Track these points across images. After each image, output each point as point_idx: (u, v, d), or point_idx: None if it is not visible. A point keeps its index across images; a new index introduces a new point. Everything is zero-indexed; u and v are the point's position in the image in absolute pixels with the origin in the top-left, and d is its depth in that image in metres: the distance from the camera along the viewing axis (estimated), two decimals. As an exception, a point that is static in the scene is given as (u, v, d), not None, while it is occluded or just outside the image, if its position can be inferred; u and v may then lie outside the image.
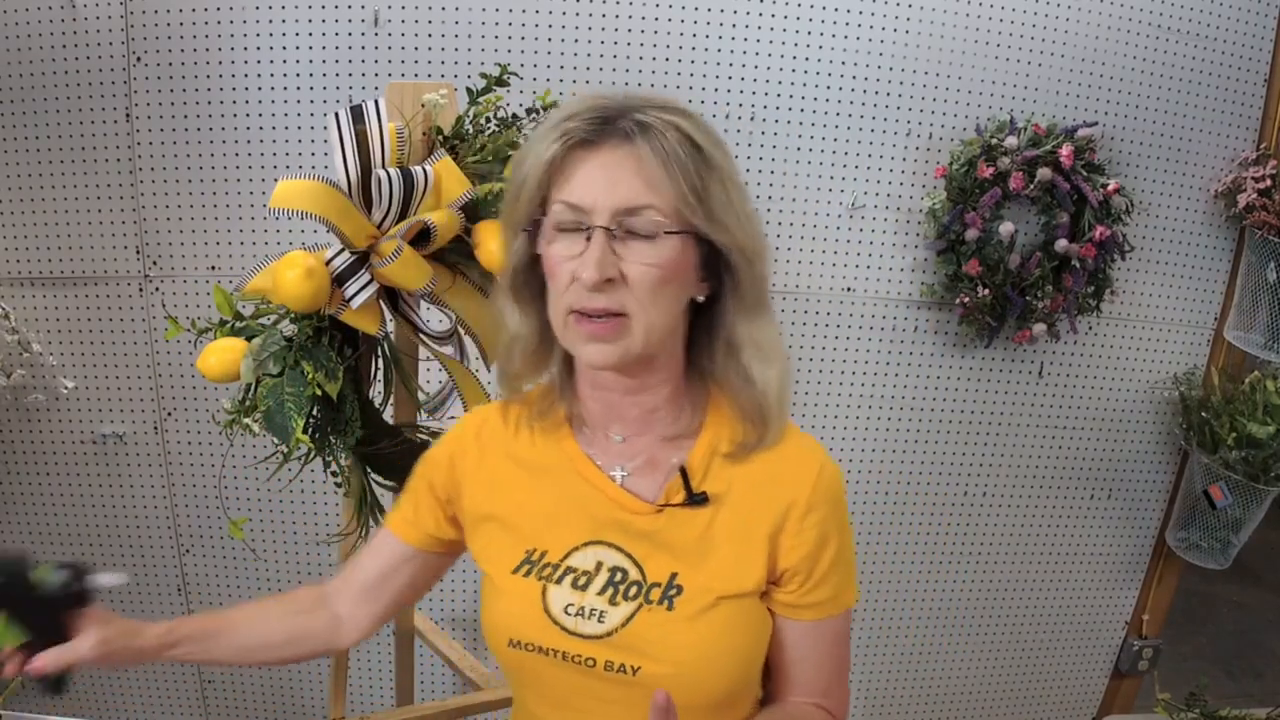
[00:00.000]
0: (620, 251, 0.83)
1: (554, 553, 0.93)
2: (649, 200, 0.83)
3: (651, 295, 0.84)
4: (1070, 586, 2.40)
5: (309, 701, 2.34)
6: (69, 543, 2.18)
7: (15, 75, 1.88)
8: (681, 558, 0.90)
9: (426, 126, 1.27)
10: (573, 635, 0.90)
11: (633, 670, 0.88)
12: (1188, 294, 2.20)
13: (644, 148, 0.82)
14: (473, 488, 1.00)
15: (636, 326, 0.85)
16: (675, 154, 0.82)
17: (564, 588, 0.92)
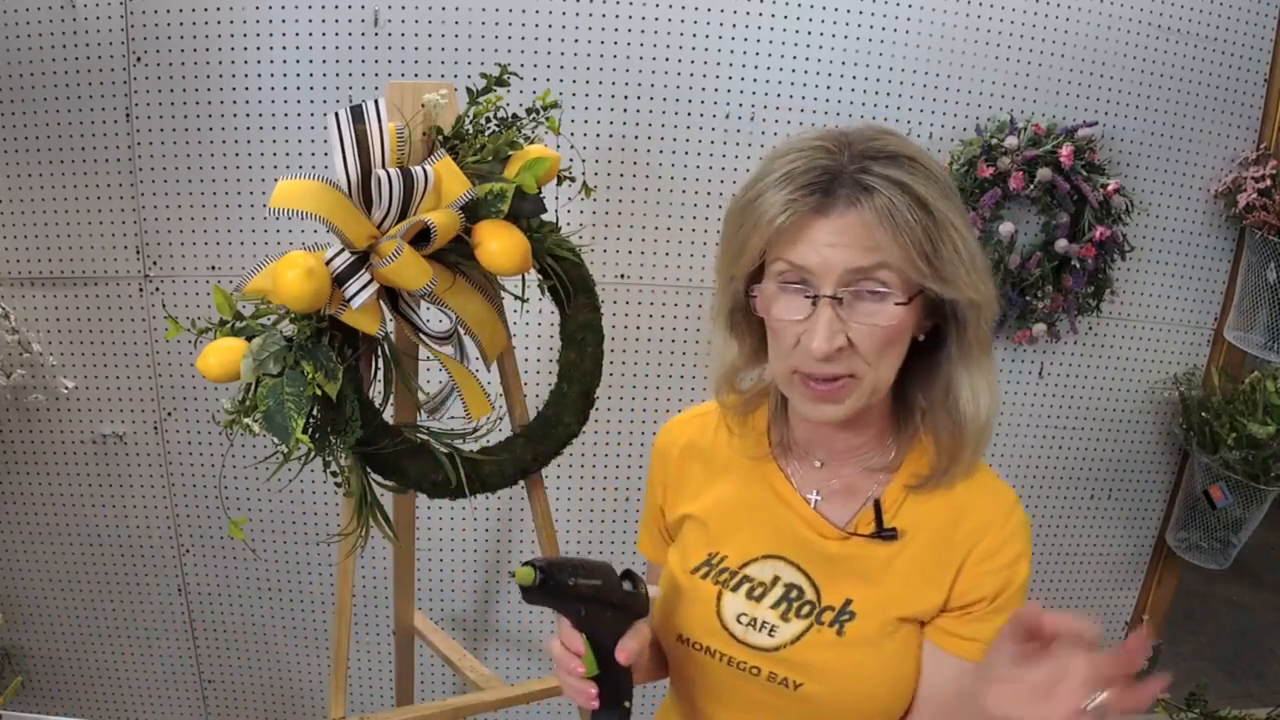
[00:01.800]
0: (846, 316, 0.83)
1: (733, 559, 0.97)
2: (876, 261, 0.81)
3: (879, 356, 0.85)
4: (1070, 586, 2.40)
5: (309, 701, 2.34)
6: (69, 543, 2.18)
7: (15, 75, 1.88)
8: (860, 586, 0.92)
9: (426, 126, 1.27)
10: (741, 644, 0.94)
11: (794, 685, 0.91)
12: (1188, 294, 2.20)
13: (869, 212, 0.80)
14: (675, 495, 1.05)
15: (865, 385, 0.86)
16: (904, 219, 0.80)
17: (739, 596, 0.95)
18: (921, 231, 0.80)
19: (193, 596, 2.24)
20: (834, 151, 0.82)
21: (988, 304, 0.86)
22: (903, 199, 0.79)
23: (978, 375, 0.89)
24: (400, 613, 1.78)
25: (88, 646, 2.29)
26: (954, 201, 0.83)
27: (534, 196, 1.28)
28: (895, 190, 0.80)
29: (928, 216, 0.80)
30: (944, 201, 0.82)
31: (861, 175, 0.80)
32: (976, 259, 0.84)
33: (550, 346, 2.05)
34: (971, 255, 0.83)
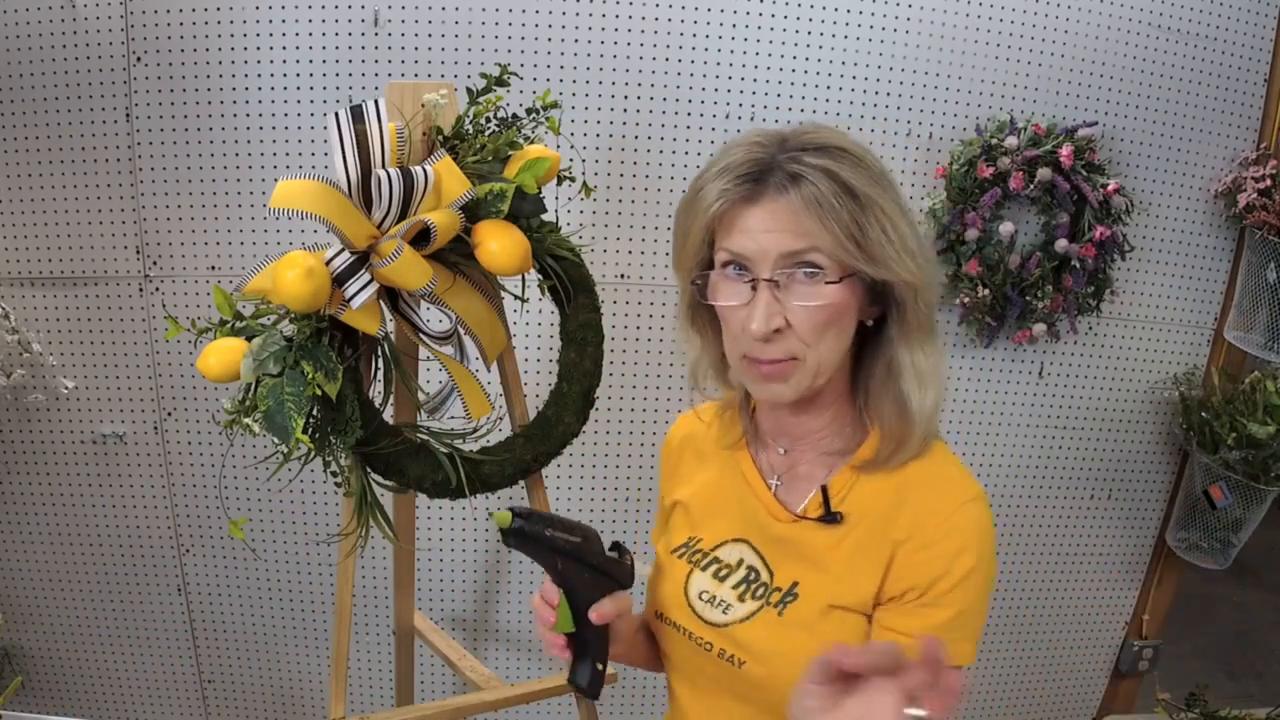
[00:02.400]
0: (784, 298, 0.87)
1: (707, 541, 1.03)
2: (808, 245, 0.86)
3: (817, 336, 0.89)
4: (1070, 586, 2.40)
5: (309, 701, 2.34)
6: (69, 543, 2.18)
7: (15, 75, 1.88)
8: (807, 570, 0.95)
9: (426, 126, 1.27)
10: (699, 619, 0.99)
11: (739, 663, 0.96)
12: (1188, 294, 2.20)
13: (796, 199, 0.85)
14: (671, 483, 1.12)
15: (808, 365, 0.90)
16: (828, 203, 0.84)
17: (706, 575, 1.01)
18: (848, 215, 0.85)
19: (193, 596, 2.24)
20: (767, 146, 0.88)
21: (925, 286, 0.90)
22: (829, 185, 0.84)
23: (920, 356, 0.92)
24: (400, 613, 1.78)
25: (88, 646, 2.29)
26: (885, 188, 0.87)
27: (534, 196, 1.28)
28: (822, 178, 0.84)
29: (853, 201, 0.85)
30: (872, 188, 0.86)
31: (791, 165, 0.86)
32: (908, 241, 0.88)
33: (550, 346, 2.05)
34: (903, 238, 0.87)
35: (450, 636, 1.84)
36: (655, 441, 2.15)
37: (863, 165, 0.87)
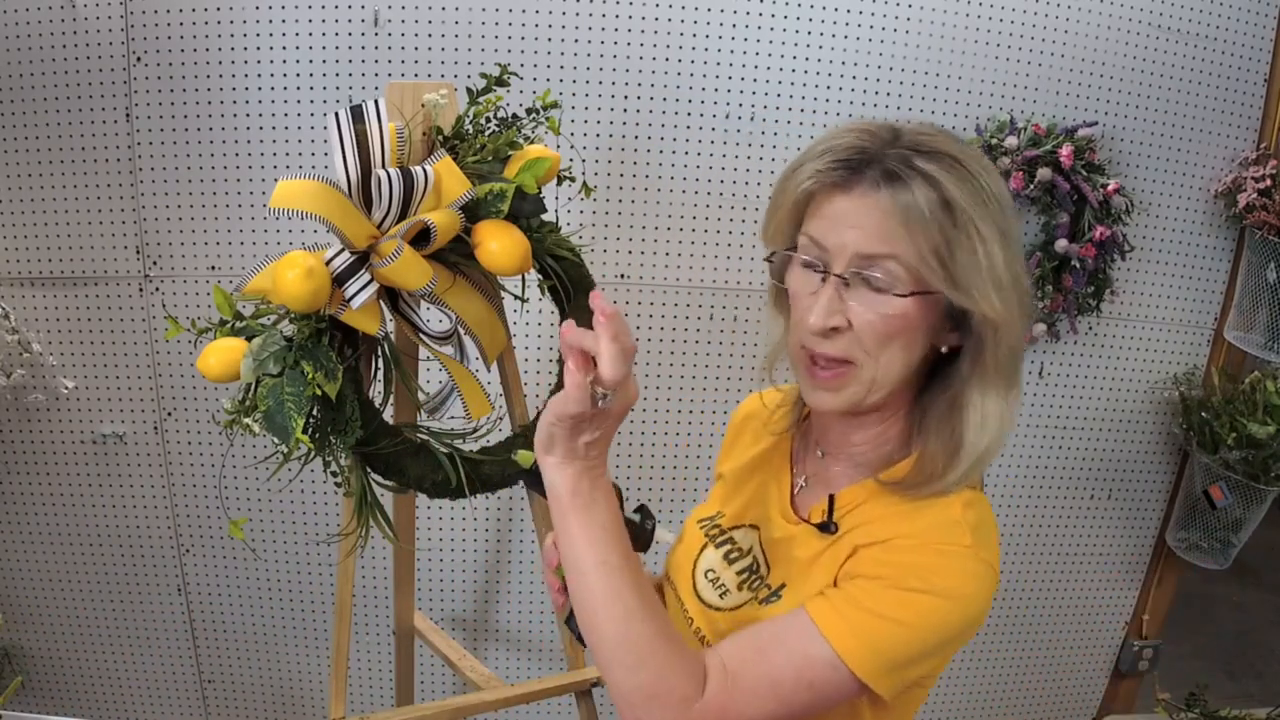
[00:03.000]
0: (850, 298, 0.83)
1: (728, 520, 1.02)
2: (887, 251, 0.81)
3: (879, 347, 0.84)
4: (1070, 586, 2.40)
5: (309, 701, 2.34)
6: (69, 543, 2.18)
7: (15, 75, 1.88)
8: (795, 573, 0.93)
9: (426, 126, 1.27)
10: (695, 595, 0.99)
11: (707, 645, 0.95)
12: (1188, 294, 2.20)
13: (889, 200, 0.80)
14: (725, 457, 1.12)
15: (863, 376, 0.85)
16: (919, 211, 0.79)
17: (718, 554, 1.00)
18: (939, 231, 0.79)
19: (193, 596, 2.24)
20: (878, 136, 0.83)
21: (1006, 326, 0.83)
22: (927, 194, 0.79)
23: (991, 400, 0.85)
24: (400, 613, 1.78)
25: (88, 646, 2.29)
26: (992, 209, 0.81)
27: (534, 196, 1.28)
28: (922, 185, 0.79)
29: (949, 216, 0.80)
30: (976, 206, 0.80)
31: (895, 163, 0.81)
32: (1002, 275, 0.81)
33: (550, 346, 2.05)
34: (995, 267, 0.81)
35: (450, 636, 1.84)
36: (656, 442, 2.15)
37: (973, 180, 0.81)
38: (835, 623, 0.81)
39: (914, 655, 0.82)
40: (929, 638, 0.81)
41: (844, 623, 0.81)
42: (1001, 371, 0.85)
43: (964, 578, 0.82)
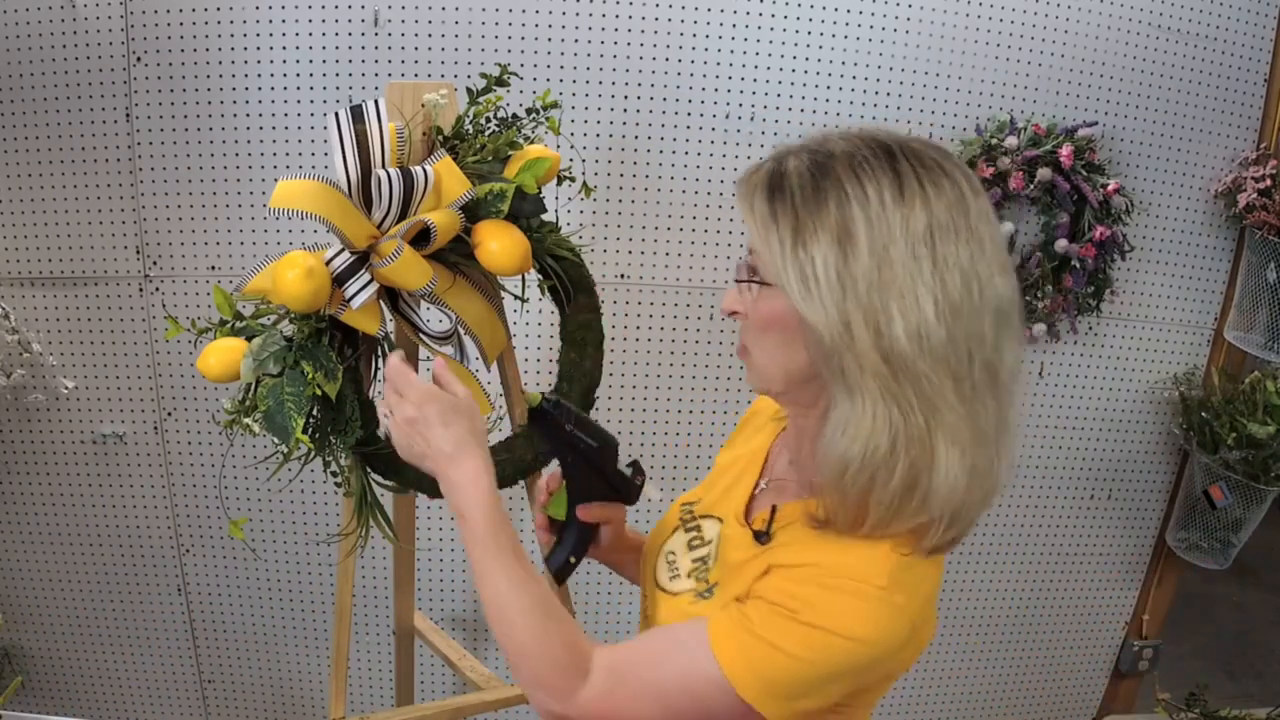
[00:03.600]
0: (747, 289, 0.85)
1: (701, 507, 1.04)
2: (754, 245, 0.82)
3: (756, 335, 0.85)
4: (1070, 586, 2.40)
5: (309, 701, 2.34)
6: (69, 543, 2.18)
7: (15, 75, 1.88)
8: (727, 575, 0.93)
9: (426, 126, 1.27)
10: (654, 573, 1.02)
11: (645, 622, 1.00)
12: (1188, 294, 2.20)
13: (759, 193, 0.81)
14: (727, 448, 1.12)
15: (754, 363, 0.87)
16: (758, 204, 0.80)
17: (684, 539, 1.01)
18: (764, 223, 0.79)
19: (193, 596, 2.24)
20: (796, 143, 0.83)
21: (828, 332, 0.76)
22: (767, 188, 0.80)
23: (859, 410, 0.78)
24: (400, 613, 1.78)
25: (88, 646, 2.29)
26: (839, 210, 0.77)
27: (534, 196, 1.28)
28: (772, 179, 0.80)
29: (773, 208, 0.79)
30: (810, 204, 0.77)
31: (777, 162, 0.81)
32: (819, 274, 0.76)
33: (550, 346, 2.05)
34: (813, 267, 0.77)
35: (450, 636, 1.84)
36: (656, 442, 2.15)
37: (828, 178, 0.78)
38: (728, 645, 0.81)
39: (803, 688, 0.81)
40: (820, 672, 0.80)
41: (736, 645, 0.81)
42: (863, 392, 0.77)
43: (865, 621, 0.79)
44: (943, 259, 0.76)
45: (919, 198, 0.77)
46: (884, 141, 0.80)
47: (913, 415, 0.77)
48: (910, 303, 0.75)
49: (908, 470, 0.78)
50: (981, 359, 0.77)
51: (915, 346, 0.76)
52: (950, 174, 0.79)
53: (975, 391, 0.78)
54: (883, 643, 0.80)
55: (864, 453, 0.78)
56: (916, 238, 0.76)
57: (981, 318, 0.77)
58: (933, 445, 0.77)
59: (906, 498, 0.79)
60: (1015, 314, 0.81)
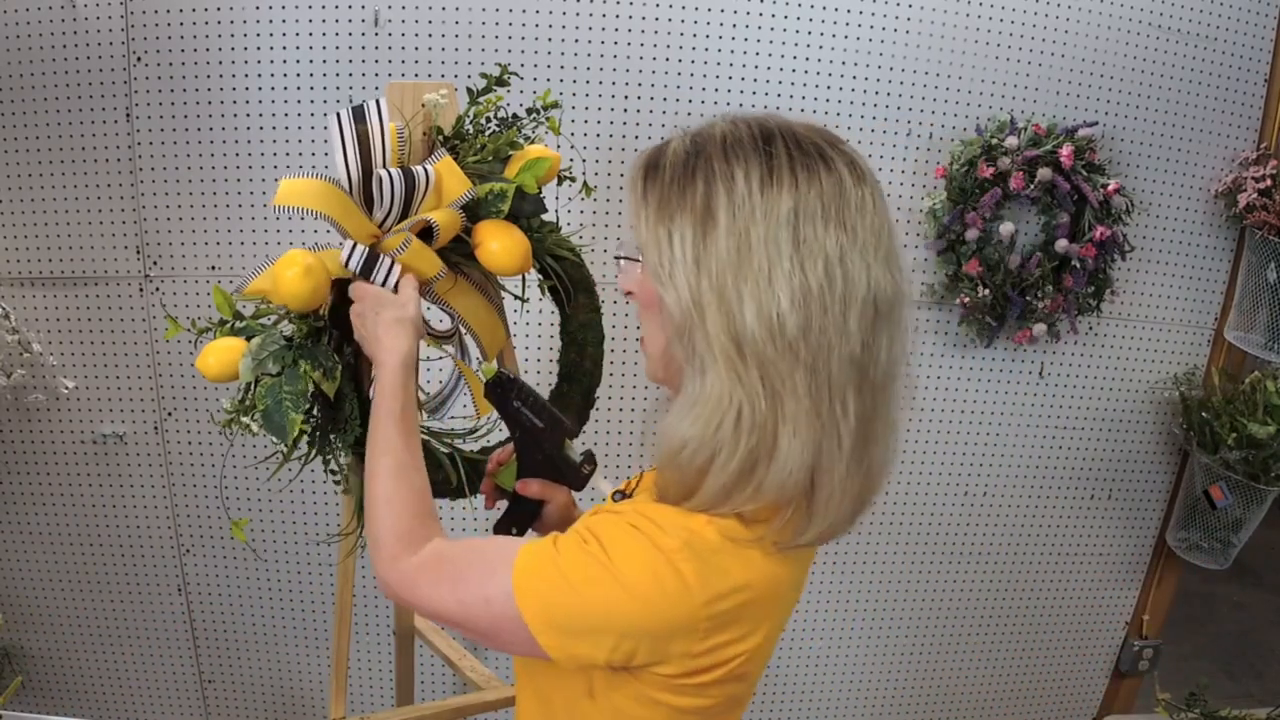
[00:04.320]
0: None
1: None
2: (632, 222, 0.83)
3: (642, 321, 0.88)
4: (1070, 586, 2.40)
5: (309, 701, 2.34)
6: (69, 543, 2.18)
7: (15, 75, 1.88)
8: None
9: (427, 127, 1.27)
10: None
11: None
12: (1188, 294, 2.20)
13: (639, 171, 0.83)
14: None
15: (644, 349, 0.89)
16: (639, 187, 0.81)
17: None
18: (647, 192, 0.80)
19: (193, 596, 2.24)
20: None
21: (677, 309, 0.77)
22: (669, 156, 0.81)
23: (705, 390, 0.77)
24: (400, 613, 1.78)
25: (88, 646, 2.29)
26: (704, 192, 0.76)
27: (534, 196, 1.27)
28: (670, 147, 0.81)
29: (640, 186, 0.80)
30: (674, 185, 0.78)
31: (672, 140, 0.83)
32: (675, 255, 0.76)
33: (550, 346, 2.05)
34: (671, 252, 0.77)
35: (450, 637, 1.84)
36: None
37: (697, 162, 0.78)
38: (527, 561, 0.81)
39: (575, 623, 0.79)
40: (588, 610, 0.78)
41: (534, 563, 0.81)
42: (712, 374, 0.76)
43: (639, 570, 0.77)
44: (806, 246, 0.74)
45: (787, 183, 0.75)
46: (768, 126, 0.79)
47: (758, 401, 0.75)
48: (764, 287, 0.74)
49: (747, 455, 0.76)
50: (844, 353, 0.75)
51: (765, 332, 0.74)
52: (831, 162, 0.76)
53: (832, 386, 0.75)
54: (649, 604, 0.77)
55: (703, 434, 0.76)
56: (779, 222, 0.74)
57: (846, 310, 0.75)
58: (775, 434, 0.76)
59: (741, 482, 0.77)
60: (897, 309, 0.78)
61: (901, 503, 2.27)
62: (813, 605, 2.34)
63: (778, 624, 0.87)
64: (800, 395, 0.75)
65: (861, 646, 2.40)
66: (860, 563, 2.31)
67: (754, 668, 0.87)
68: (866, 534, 2.28)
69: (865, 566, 2.32)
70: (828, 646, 2.39)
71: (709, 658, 0.80)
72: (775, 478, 0.76)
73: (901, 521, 2.29)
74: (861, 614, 2.36)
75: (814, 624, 2.36)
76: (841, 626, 2.37)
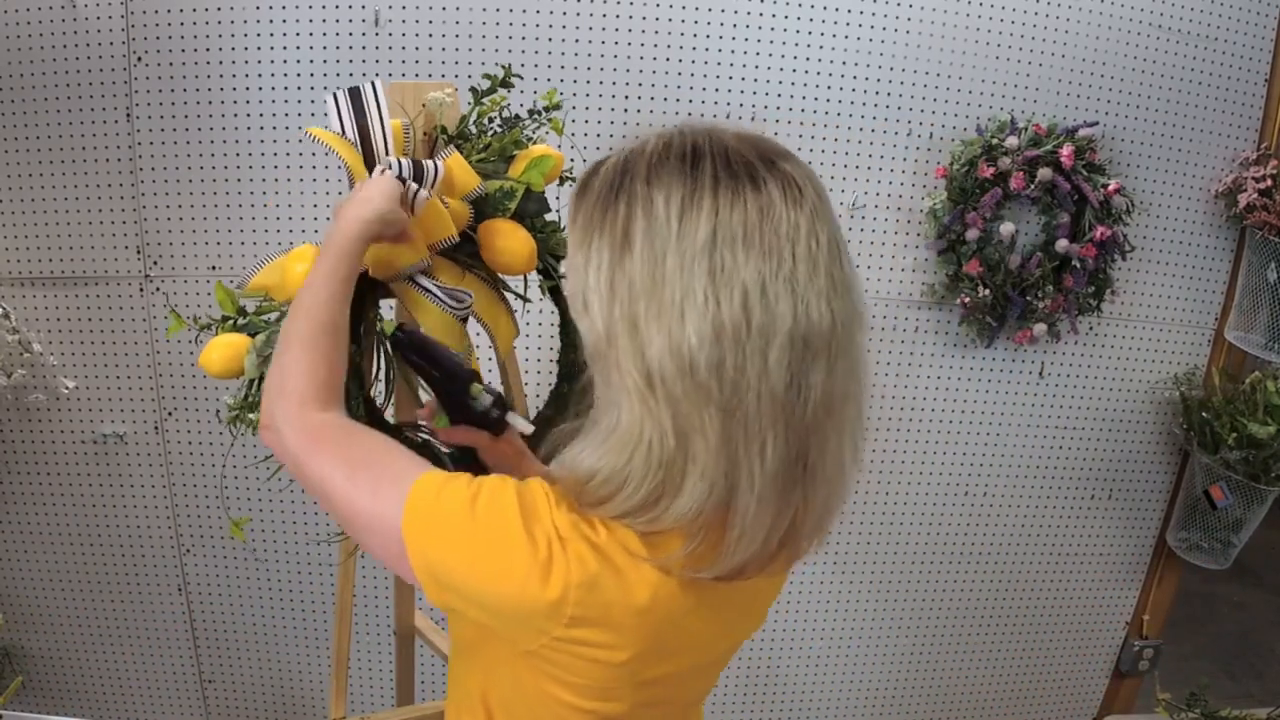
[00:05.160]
0: None
1: None
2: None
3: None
4: (1070, 586, 2.40)
5: (309, 701, 2.34)
6: (69, 543, 2.18)
7: (15, 75, 1.88)
8: None
9: (429, 126, 1.27)
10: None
11: None
12: (1188, 294, 2.20)
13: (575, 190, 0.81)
14: None
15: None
16: (571, 208, 0.78)
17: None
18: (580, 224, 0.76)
19: (193, 596, 2.23)
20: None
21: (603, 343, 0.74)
22: (586, 185, 0.77)
23: (618, 424, 0.74)
24: (400, 613, 1.78)
25: (88, 646, 2.29)
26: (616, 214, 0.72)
27: (539, 195, 1.28)
28: (590, 175, 0.78)
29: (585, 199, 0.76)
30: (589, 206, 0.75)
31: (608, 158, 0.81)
32: (580, 279, 0.74)
33: (550, 346, 2.05)
34: (579, 271, 0.75)
35: (451, 636, 1.84)
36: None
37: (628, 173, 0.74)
38: (433, 480, 0.79)
39: (444, 565, 0.76)
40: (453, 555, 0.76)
41: (436, 484, 0.78)
42: (624, 407, 0.73)
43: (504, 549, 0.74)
44: (723, 276, 0.68)
45: (707, 207, 0.69)
46: (700, 144, 0.73)
47: (667, 439, 0.71)
48: (676, 321, 0.68)
49: (651, 490, 0.72)
50: (764, 392, 0.69)
51: (675, 368, 0.69)
52: (761, 183, 0.70)
53: (748, 427, 0.70)
54: (499, 581, 0.74)
55: (614, 467, 0.73)
56: (695, 249, 0.69)
57: (767, 345, 0.69)
58: (683, 472, 0.71)
59: (641, 512, 0.74)
60: (833, 342, 0.71)
61: (902, 503, 2.27)
62: (813, 605, 2.34)
63: (672, 650, 0.82)
64: (710, 436, 0.70)
65: (861, 646, 2.39)
66: (860, 563, 2.31)
67: (638, 692, 0.82)
68: (867, 534, 2.28)
69: (865, 566, 2.32)
70: (828, 646, 2.39)
71: (570, 651, 0.77)
72: (675, 513, 0.72)
73: (902, 521, 2.29)
74: (861, 614, 2.36)
75: (814, 624, 2.36)
76: (841, 626, 2.37)
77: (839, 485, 0.77)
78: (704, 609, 0.81)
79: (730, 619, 0.88)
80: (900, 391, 2.18)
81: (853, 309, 0.73)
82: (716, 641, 0.88)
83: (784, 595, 2.31)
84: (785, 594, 2.31)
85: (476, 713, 0.90)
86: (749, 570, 0.77)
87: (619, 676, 0.80)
